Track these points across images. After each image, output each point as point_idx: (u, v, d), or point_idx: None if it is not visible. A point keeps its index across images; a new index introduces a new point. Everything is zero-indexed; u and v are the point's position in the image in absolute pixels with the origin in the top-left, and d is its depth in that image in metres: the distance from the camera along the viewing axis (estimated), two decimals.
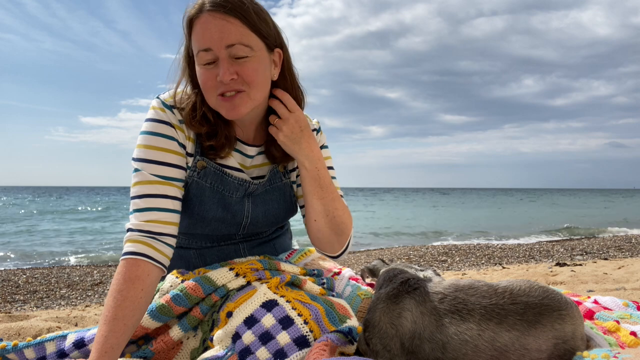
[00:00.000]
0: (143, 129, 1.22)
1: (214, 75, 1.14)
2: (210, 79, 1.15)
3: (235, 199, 1.30)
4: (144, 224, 1.16)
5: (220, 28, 1.11)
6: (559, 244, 8.19)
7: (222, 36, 1.11)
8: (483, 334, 1.00)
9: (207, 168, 1.26)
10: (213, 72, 1.14)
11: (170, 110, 1.22)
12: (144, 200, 1.17)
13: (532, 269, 4.51)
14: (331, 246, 1.33)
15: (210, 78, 1.15)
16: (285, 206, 1.41)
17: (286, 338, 1.02)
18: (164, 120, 1.21)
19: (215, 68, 1.14)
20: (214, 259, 1.38)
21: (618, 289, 2.57)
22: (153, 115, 1.23)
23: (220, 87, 1.15)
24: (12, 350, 1.23)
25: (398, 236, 12.24)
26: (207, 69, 1.15)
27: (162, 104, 1.23)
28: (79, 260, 8.16)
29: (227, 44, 1.11)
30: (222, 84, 1.14)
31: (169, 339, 1.18)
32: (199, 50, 1.14)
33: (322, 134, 1.48)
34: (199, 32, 1.13)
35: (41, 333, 1.86)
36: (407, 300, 1.11)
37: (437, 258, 6.73)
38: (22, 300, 4.69)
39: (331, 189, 1.29)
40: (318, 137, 1.44)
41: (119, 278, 1.10)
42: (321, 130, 1.48)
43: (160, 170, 1.19)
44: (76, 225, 15.75)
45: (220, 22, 1.11)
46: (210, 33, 1.11)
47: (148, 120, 1.23)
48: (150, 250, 1.14)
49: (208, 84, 1.16)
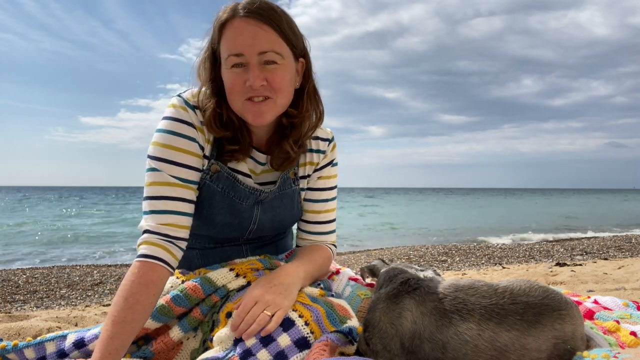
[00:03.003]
0: (162, 127, 1.20)
1: (242, 80, 1.14)
2: (238, 83, 1.15)
3: (245, 206, 1.30)
4: (162, 227, 1.15)
5: (254, 34, 1.12)
6: (559, 244, 8.18)
7: (255, 42, 1.12)
8: (483, 334, 1.00)
9: (220, 172, 1.26)
10: (242, 76, 1.14)
11: (192, 111, 1.22)
12: (163, 202, 1.17)
13: (532, 269, 4.51)
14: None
15: (238, 82, 1.15)
16: (292, 213, 1.41)
17: (287, 340, 1.02)
18: (186, 120, 1.21)
19: (244, 73, 1.14)
20: (217, 260, 1.37)
21: (618, 289, 2.57)
22: (174, 114, 1.21)
23: (249, 92, 1.15)
24: (12, 350, 1.23)
25: (398, 236, 12.24)
26: (236, 73, 1.15)
27: (185, 103, 1.22)
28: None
29: (259, 51, 1.12)
30: (251, 89, 1.14)
31: (169, 340, 1.18)
32: (229, 54, 1.14)
33: (334, 147, 1.46)
34: (231, 37, 1.14)
35: (41, 333, 1.86)
36: (407, 300, 1.11)
37: (437, 258, 6.73)
38: (22, 300, 4.69)
39: (317, 271, 1.32)
40: (329, 148, 1.43)
41: (133, 280, 1.09)
42: (334, 141, 1.46)
43: (179, 172, 1.19)
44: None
45: (253, 29, 1.12)
46: (243, 38, 1.12)
47: (169, 118, 1.21)
48: (167, 255, 1.14)
49: (236, 88, 1.16)
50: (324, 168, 1.44)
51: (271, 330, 1.03)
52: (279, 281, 1.14)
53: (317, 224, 1.45)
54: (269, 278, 1.15)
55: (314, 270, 1.30)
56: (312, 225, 1.45)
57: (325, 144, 1.42)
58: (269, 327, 1.03)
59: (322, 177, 1.44)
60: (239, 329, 1.05)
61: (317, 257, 1.36)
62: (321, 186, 1.44)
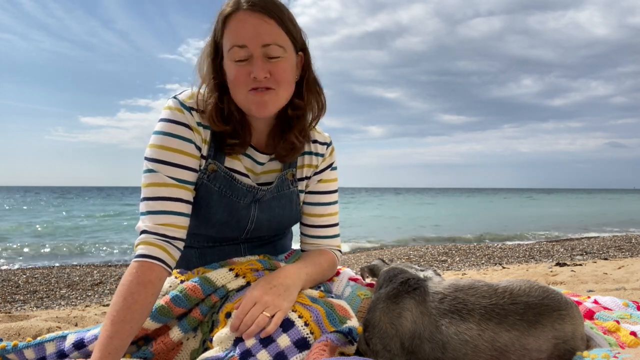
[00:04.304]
0: (159, 129, 1.22)
1: (246, 72, 1.16)
2: (242, 75, 1.16)
3: (243, 204, 1.31)
4: (159, 227, 1.16)
5: (257, 27, 1.13)
6: (559, 244, 8.18)
7: (259, 35, 1.13)
8: (483, 334, 0.99)
9: (217, 172, 1.26)
10: (245, 68, 1.16)
11: (189, 112, 1.22)
12: (160, 202, 1.17)
13: (532, 269, 4.51)
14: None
15: (242, 74, 1.16)
16: (290, 214, 1.41)
17: (286, 340, 1.02)
18: (181, 121, 1.21)
19: (247, 65, 1.15)
20: (215, 259, 1.38)
21: (618, 289, 2.57)
22: (170, 115, 1.22)
23: (252, 84, 1.16)
24: (12, 350, 1.23)
25: (398, 236, 12.25)
26: (240, 65, 1.16)
27: (181, 105, 1.23)
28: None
29: (263, 43, 1.13)
30: (255, 81, 1.16)
31: (169, 340, 1.18)
32: (233, 45, 1.15)
33: (333, 151, 1.47)
34: (235, 29, 1.15)
35: (41, 333, 1.86)
36: (407, 300, 1.11)
37: (437, 258, 6.73)
38: (22, 300, 4.69)
39: (319, 274, 1.32)
40: (328, 152, 1.44)
41: (132, 280, 1.09)
42: (332, 145, 1.47)
43: (176, 173, 1.19)
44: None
45: (257, 21, 1.13)
46: (246, 30, 1.13)
47: (165, 120, 1.22)
48: (164, 255, 1.15)
49: (240, 80, 1.17)
50: (323, 171, 1.44)
51: (271, 332, 1.03)
52: (279, 282, 1.14)
53: (320, 227, 1.45)
54: (269, 279, 1.16)
55: (316, 273, 1.30)
56: (315, 229, 1.45)
57: (324, 147, 1.43)
58: (269, 329, 1.03)
59: (323, 180, 1.45)
60: (238, 330, 1.05)
61: (321, 260, 1.36)
62: (322, 190, 1.45)
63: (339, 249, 1.49)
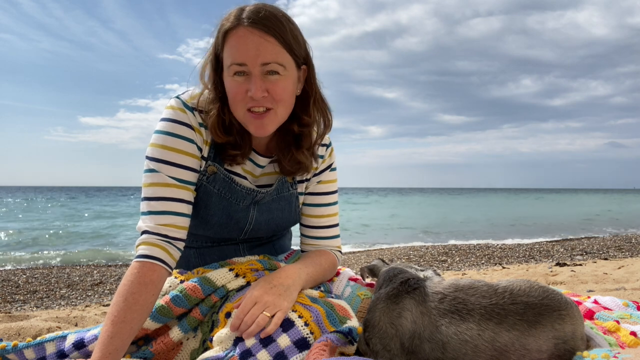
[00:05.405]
0: (160, 128, 1.21)
1: (244, 90, 1.14)
2: (240, 93, 1.15)
3: (242, 206, 1.31)
4: (161, 228, 1.16)
5: (257, 45, 1.11)
6: (559, 244, 8.18)
7: (258, 54, 1.11)
8: (483, 334, 0.99)
9: (217, 174, 1.26)
10: (243, 86, 1.14)
11: (191, 112, 1.22)
12: (161, 203, 1.17)
13: (532, 269, 4.51)
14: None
15: (240, 92, 1.15)
16: (289, 216, 1.41)
17: (286, 340, 1.02)
18: (183, 121, 1.21)
19: (245, 82, 1.14)
20: (214, 259, 1.38)
21: (618, 289, 2.57)
22: (172, 115, 1.21)
23: (250, 102, 1.15)
24: (12, 350, 1.23)
25: (398, 235, 12.24)
26: (238, 81, 1.15)
27: (183, 105, 1.22)
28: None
29: (262, 62, 1.12)
30: (252, 100, 1.14)
31: (169, 340, 1.18)
32: (232, 62, 1.13)
33: (332, 152, 1.46)
34: (235, 45, 1.13)
35: (41, 333, 1.86)
36: (407, 300, 1.11)
37: (437, 258, 6.73)
38: (22, 300, 4.69)
39: (319, 274, 1.32)
40: (327, 153, 1.44)
41: (133, 280, 1.09)
42: (332, 146, 1.46)
43: (177, 173, 1.19)
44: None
45: (257, 40, 1.11)
46: (246, 48, 1.12)
47: (167, 120, 1.21)
48: (165, 255, 1.15)
49: (238, 97, 1.16)
50: (322, 172, 1.44)
51: (271, 331, 1.03)
52: (279, 282, 1.14)
53: (320, 228, 1.45)
54: (269, 279, 1.15)
55: (316, 274, 1.30)
56: (315, 230, 1.45)
57: (323, 148, 1.42)
58: (269, 329, 1.03)
59: (322, 181, 1.45)
60: (239, 330, 1.05)
61: (322, 261, 1.36)
62: (321, 191, 1.45)
63: (339, 249, 1.49)
